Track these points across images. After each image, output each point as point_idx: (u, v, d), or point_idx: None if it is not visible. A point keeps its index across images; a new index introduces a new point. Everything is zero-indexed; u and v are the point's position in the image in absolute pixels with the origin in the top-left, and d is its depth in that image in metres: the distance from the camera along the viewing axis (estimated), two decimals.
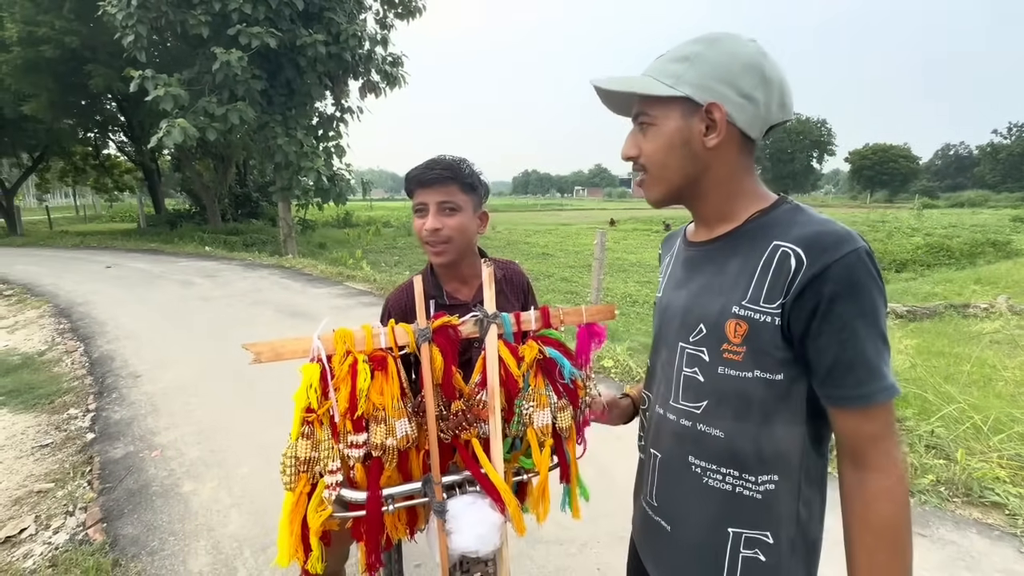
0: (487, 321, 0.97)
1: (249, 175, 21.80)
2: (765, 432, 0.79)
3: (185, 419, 3.58)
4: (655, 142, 0.82)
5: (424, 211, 1.18)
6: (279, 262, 10.92)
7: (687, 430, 0.85)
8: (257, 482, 2.81)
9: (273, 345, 0.87)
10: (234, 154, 17.69)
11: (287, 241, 12.74)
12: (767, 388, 0.78)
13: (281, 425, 3.52)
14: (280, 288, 8.17)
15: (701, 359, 0.83)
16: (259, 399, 3.89)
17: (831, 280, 0.70)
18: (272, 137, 11.31)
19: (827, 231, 0.73)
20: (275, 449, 3.27)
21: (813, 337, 0.73)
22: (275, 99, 11.75)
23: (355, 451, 0.89)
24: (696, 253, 0.89)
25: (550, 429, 0.98)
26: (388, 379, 0.92)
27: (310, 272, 9.64)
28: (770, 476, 0.80)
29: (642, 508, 0.97)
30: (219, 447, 3.19)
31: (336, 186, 12.62)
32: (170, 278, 8.97)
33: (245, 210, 20.86)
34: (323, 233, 18.19)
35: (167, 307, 6.85)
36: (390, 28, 12.95)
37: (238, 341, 3.89)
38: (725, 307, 0.79)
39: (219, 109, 10.34)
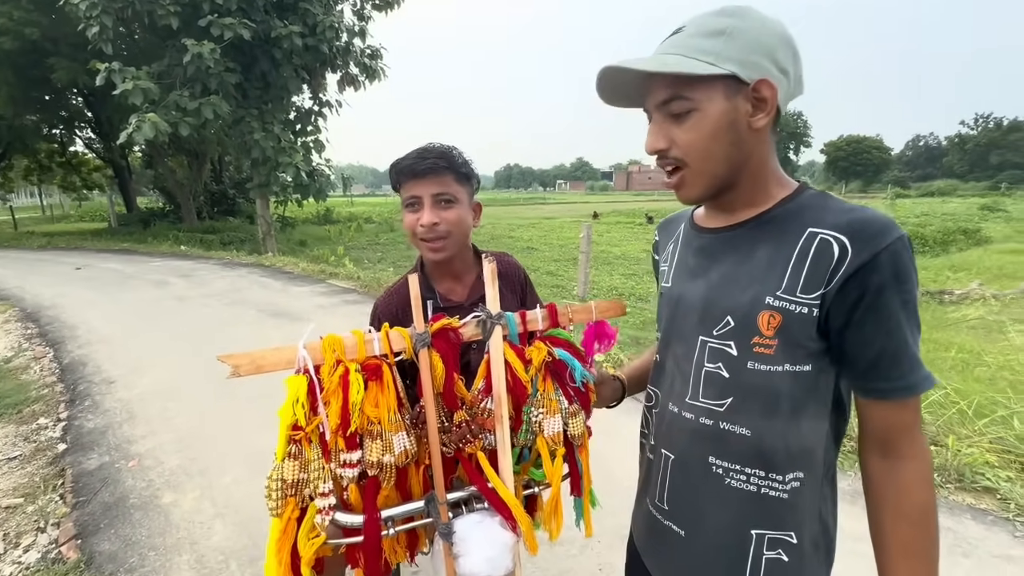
0: (491, 322, 0.89)
1: (225, 171, 21.25)
2: (793, 428, 0.76)
3: (163, 426, 3.43)
4: (696, 129, 0.73)
5: (417, 205, 1.09)
6: (258, 260, 10.66)
7: (707, 429, 0.80)
8: (242, 491, 2.69)
9: (253, 356, 0.78)
10: (209, 150, 17.19)
11: (266, 239, 12.44)
12: (795, 381, 0.74)
13: (266, 430, 3.41)
14: (260, 287, 7.95)
15: (727, 354, 0.78)
16: (241, 403, 3.75)
17: (879, 269, 0.67)
18: (248, 132, 10.98)
19: (870, 218, 0.69)
20: (260, 456, 3.18)
21: (856, 328, 0.70)
22: (250, 93, 11.41)
23: (349, 471, 0.81)
24: (713, 240, 0.83)
25: (561, 437, 0.91)
26: (383, 389, 0.83)
27: (291, 270, 9.42)
28: (796, 474, 0.77)
29: (647, 512, 0.91)
30: (200, 455, 3.06)
31: (316, 182, 12.33)
32: (144, 278, 8.67)
33: (221, 208, 20.33)
34: (303, 230, 17.82)
35: (141, 309, 6.60)
36: (368, 20, 12.66)
37: (217, 343, 3.76)
38: (757, 298, 0.74)
39: (192, 103, 9.99)
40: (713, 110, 0.72)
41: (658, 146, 0.77)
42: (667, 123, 0.76)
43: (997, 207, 24.60)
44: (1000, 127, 62.72)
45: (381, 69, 13.15)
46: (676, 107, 0.73)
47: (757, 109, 0.73)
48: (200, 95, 10.20)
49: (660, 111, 0.76)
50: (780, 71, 0.72)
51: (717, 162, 0.75)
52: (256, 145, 10.97)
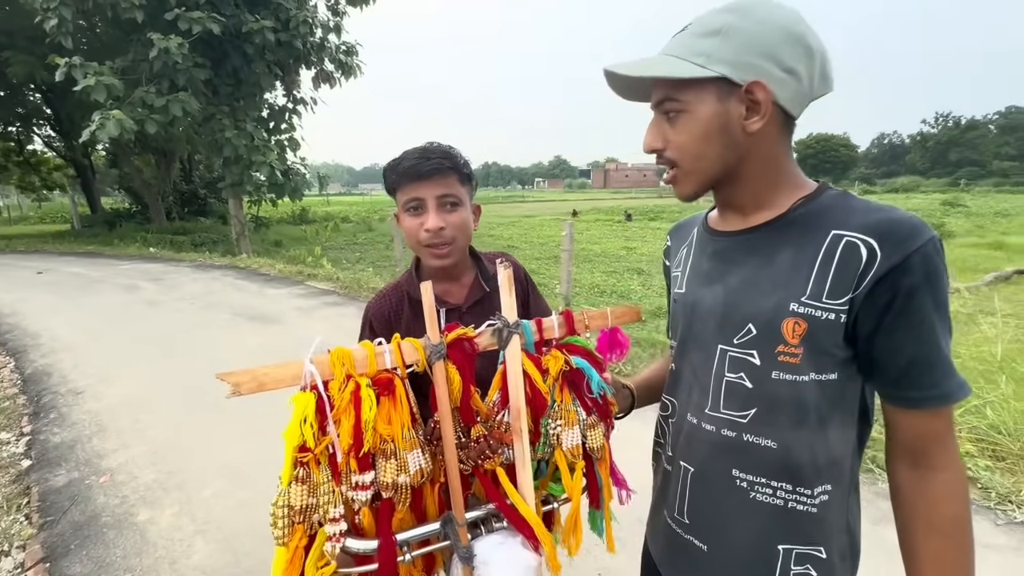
0: (508, 331, 0.84)
1: (195, 171, 20.60)
2: (820, 439, 0.73)
3: (136, 438, 3.27)
4: (687, 131, 0.73)
5: (420, 208, 1.02)
6: (232, 262, 10.34)
7: (730, 441, 0.77)
8: (223, 505, 2.58)
9: (255, 373, 0.71)
10: (177, 148, 16.61)
11: (240, 240, 12.09)
12: (821, 391, 0.72)
13: (247, 440, 3.30)
14: (235, 290, 7.71)
15: (749, 363, 0.74)
16: (219, 412, 3.61)
17: (911, 272, 0.64)
18: (219, 130, 10.64)
19: (898, 219, 0.66)
20: (241, 467, 3.07)
21: (886, 333, 0.67)
22: (221, 89, 11.06)
23: (362, 493, 0.75)
24: (729, 244, 0.80)
25: (580, 450, 0.86)
26: (396, 405, 0.78)
27: (267, 272, 9.17)
28: (824, 487, 0.74)
29: (666, 524, 0.88)
30: (177, 468, 2.93)
31: (291, 181, 12.05)
32: (111, 282, 8.31)
33: (192, 208, 19.69)
34: (278, 230, 17.41)
35: (109, 314, 6.32)
36: (342, 15, 12.41)
37: (191, 349, 3.61)
38: (781, 305, 0.71)
39: (159, 100, 9.62)
40: (703, 112, 0.71)
41: (654, 146, 0.77)
42: (663, 123, 0.76)
43: (958, 203, 25.64)
44: (959, 126, 65.50)
45: (357, 66, 12.92)
46: (669, 107, 0.74)
47: (751, 112, 0.70)
48: (168, 91, 9.84)
49: (657, 111, 0.76)
50: (784, 71, 0.68)
51: (709, 162, 0.74)
52: (228, 143, 10.65)
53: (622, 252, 11.85)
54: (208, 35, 9.60)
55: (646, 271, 9.12)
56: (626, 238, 14.31)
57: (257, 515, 2.49)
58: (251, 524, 2.42)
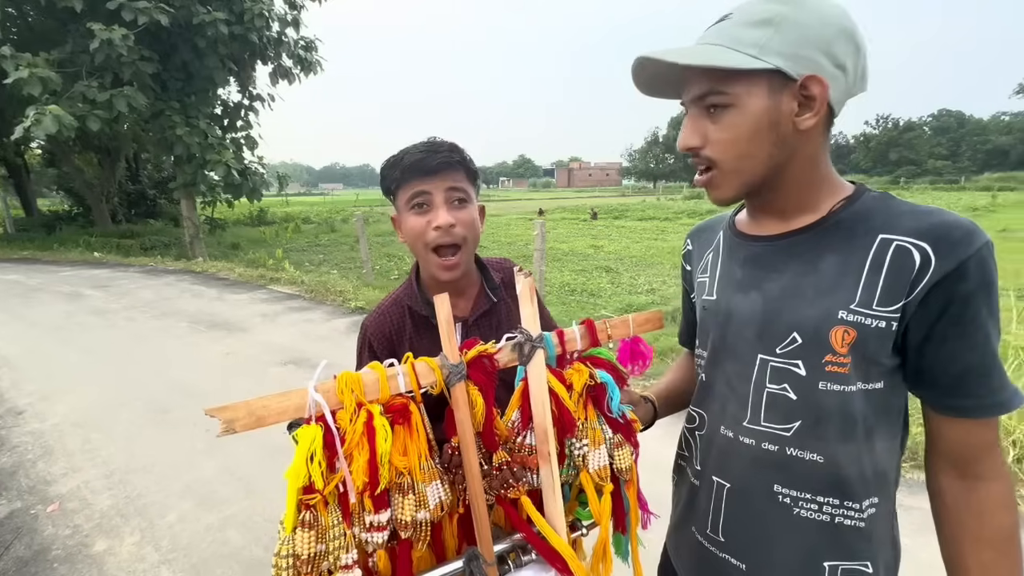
0: (531, 346, 0.77)
1: (143, 170, 19.47)
2: (867, 451, 0.70)
3: (88, 461, 3.02)
4: (735, 128, 0.67)
5: (426, 205, 0.93)
6: (187, 266, 9.82)
7: (771, 456, 0.73)
8: (190, 530, 2.40)
9: (251, 407, 0.62)
10: (123, 146, 15.63)
11: (194, 242, 11.51)
12: (867, 400, 0.69)
13: (213, 457, 3.10)
14: (192, 296, 7.31)
15: (794, 373, 0.71)
16: (180, 428, 3.38)
17: (967, 278, 0.61)
18: (170, 127, 10.09)
19: (952, 222, 0.63)
20: (209, 486, 2.87)
21: (939, 342, 0.64)
22: (170, 84, 10.49)
23: (377, 535, 0.67)
24: (766, 249, 0.76)
25: (608, 471, 0.80)
26: (412, 433, 0.70)
27: (226, 276, 8.75)
28: (871, 500, 0.72)
29: (696, 542, 0.84)
30: (137, 492, 2.71)
31: (249, 181, 11.55)
32: (52, 290, 7.73)
33: (140, 210, 18.62)
34: (235, 232, 16.67)
35: (51, 325, 5.86)
36: (301, 8, 11.97)
37: (146, 360, 3.35)
38: (829, 312, 0.68)
39: (102, 95, 9.02)
40: (753, 107, 0.66)
41: (691, 143, 0.71)
42: (702, 119, 0.70)
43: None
44: (897, 127, 69.54)
45: (317, 62, 12.51)
46: (713, 101, 0.67)
47: (804, 108, 0.66)
48: (111, 86, 9.24)
49: (696, 105, 0.70)
50: (836, 66, 0.65)
51: (754, 163, 0.69)
52: (179, 141, 10.11)
53: (590, 251, 11.94)
54: (155, 26, 9.06)
55: (614, 269, 9.20)
56: (593, 236, 14.44)
57: (228, 539, 2.33)
58: (222, 550, 2.26)
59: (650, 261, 10.02)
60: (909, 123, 70.14)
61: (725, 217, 0.89)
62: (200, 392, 3.96)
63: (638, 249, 11.67)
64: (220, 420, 0.60)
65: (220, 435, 0.60)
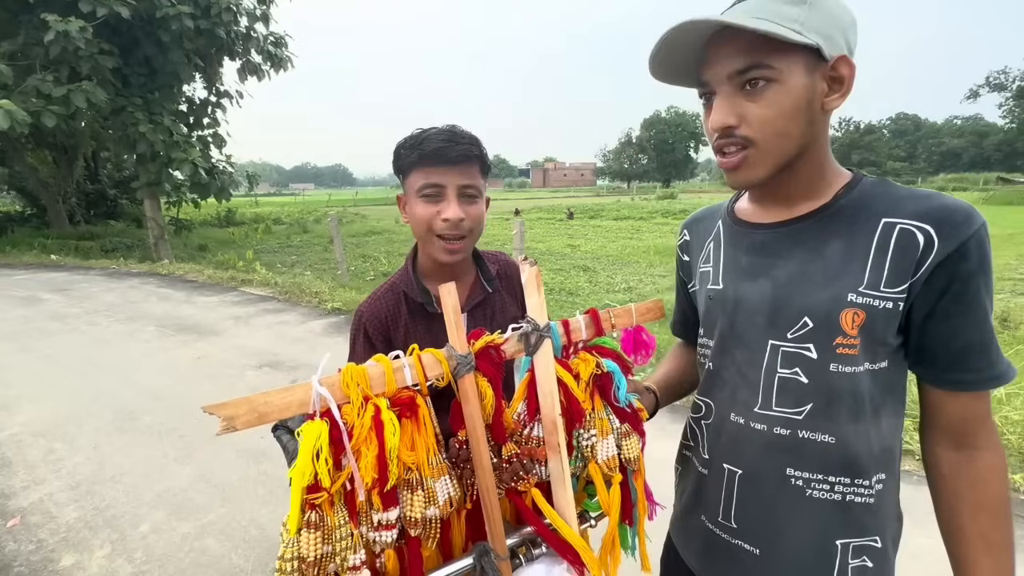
0: (537, 336, 0.75)
1: (102, 169, 18.65)
2: (875, 429, 0.73)
3: (51, 472, 2.87)
4: (777, 105, 0.66)
5: (438, 196, 0.93)
6: (153, 268, 9.46)
7: (783, 439, 0.75)
8: (165, 540, 2.30)
9: (252, 403, 0.58)
10: (81, 144, 14.95)
11: (159, 244, 11.10)
12: (874, 380, 0.71)
13: (187, 464, 2.98)
14: (159, 299, 7.04)
15: (805, 357, 0.72)
16: (150, 435, 3.25)
17: (968, 257, 0.64)
18: (132, 124, 9.70)
19: (952, 205, 0.66)
20: (183, 494, 2.76)
21: (941, 319, 0.67)
22: (132, 79, 10.08)
23: (386, 533, 0.64)
24: (771, 236, 0.77)
25: (616, 462, 0.80)
26: (420, 428, 0.67)
27: (195, 278, 8.46)
28: (879, 476, 0.74)
29: (706, 530, 0.85)
30: (106, 503, 2.58)
31: (217, 180, 11.19)
32: (6, 294, 7.33)
33: (100, 210, 17.85)
34: (202, 233, 16.15)
35: (7, 331, 5.54)
36: (270, 3, 11.67)
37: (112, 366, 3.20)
38: (838, 296, 0.69)
39: (58, 89, 8.61)
40: (795, 84, 0.66)
41: (727, 121, 0.68)
42: (737, 97, 0.68)
43: None
44: (859, 129, 72.29)
45: (287, 58, 12.22)
46: (756, 75, 0.65)
47: (832, 89, 0.68)
48: (68, 80, 8.83)
49: (732, 82, 0.68)
50: (850, 51, 0.67)
51: (789, 143, 0.69)
52: (142, 139, 9.73)
53: (567, 250, 12.00)
54: (116, 19, 8.70)
55: (591, 268, 9.27)
56: (569, 236, 14.52)
57: (207, 548, 2.24)
58: (200, 559, 2.17)
59: (626, 260, 10.14)
60: (869, 126, 73.01)
61: (722, 206, 0.89)
62: (170, 398, 3.81)
63: (614, 248, 11.78)
64: (220, 417, 0.56)
65: (219, 433, 0.57)
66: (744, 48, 0.65)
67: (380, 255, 11.00)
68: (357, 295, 6.55)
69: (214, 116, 11.99)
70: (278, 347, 4.92)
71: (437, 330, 0.95)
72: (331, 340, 5.11)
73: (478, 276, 1.08)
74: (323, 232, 15.75)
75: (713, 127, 0.71)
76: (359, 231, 16.37)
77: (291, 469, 0.60)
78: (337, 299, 6.41)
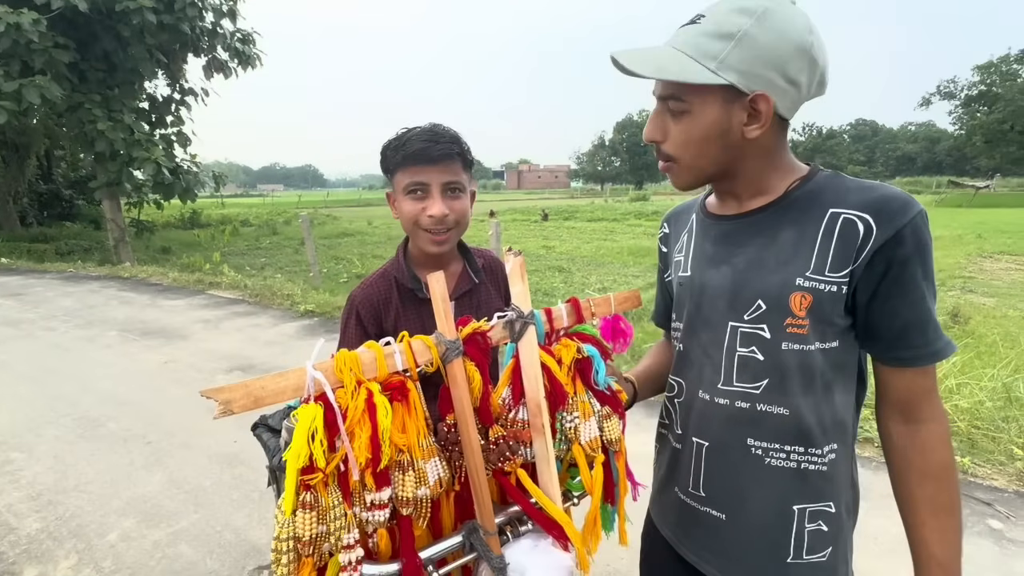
0: (522, 322, 0.79)
1: (56, 168, 17.82)
2: (826, 402, 0.78)
3: (9, 483, 2.74)
4: (688, 133, 0.75)
5: (423, 192, 1.00)
6: (113, 272, 9.11)
7: (744, 412, 0.81)
8: (136, 549, 2.24)
9: (249, 388, 0.60)
10: (33, 142, 14.26)
11: (119, 246, 10.67)
12: (825, 358, 0.77)
13: (157, 469, 2.90)
14: (121, 303, 6.78)
15: (760, 337, 0.78)
16: (116, 442, 3.14)
17: (903, 243, 0.70)
18: (90, 121, 9.32)
19: (890, 195, 0.72)
20: (153, 500, 2.69)
21: (882, 300, 0.73)
22: (90, 75, 9.69)
23: (379, 513, 0.66)
24: (732, 227, 0.83)
25: (599, 443, 0.84)
26: (410, 411, 0.70)
27: (159, 281, 8.18)
28: (832, 446, 0.80)
29: (679, 501, 0.90)
30: (70, 512, 2.49)
31: (181, 180, 10.84)
32: None
33: (54, 212, 17.05)
34: (165, 236, 15.61)
35: None
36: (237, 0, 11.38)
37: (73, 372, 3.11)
38: (787, 280, 0.75)
39: (8, 84, 8.21)
40: (707, 116, 0.73)
41: (654, 137, 0.79)
42: (665, 115, 0.77)
43: None
44: (821, 134, 75.19)
45: (256, 55, 11.95)
46: (673, 106, 0.75)
47: (752, 119, 0.73)
48: (20, 75, 8.43)
49: (661, 103, 0.77)
50: (788, 82, 0.71)
51: (706, 162, 0.77)
52: (101, 137, 9.36)
53: (541, 251, 12.09)
54: (72, 12, 8.35)
55: (566, 269, 9.37)
56: (544, 237, 14.63)
57: (181, 554, 2.19)
58: (173, 566, 2.12)
59: (601, 261, 10.28)
60: (831, 131, 76.02)
61: (696, 201, 0.95)
62: (136, 403, 3.69)
63: (588, 249, 11.93)
64: (217, 401, 0.57)
65: (216, 417, 0.58)
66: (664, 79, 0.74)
67: (353, 257, 10.86)
68: (331, 297, 6.46)
69: (178, 114, 11.62)
70: (250, 350, 4.82)
71: (426, 315, 0.98)
72: (305, 343, 5.03)
73: (465, 267, 1.14)
74: (293, 234, 15.43)
75: (645, 138, 0.81)
76: (331, 233, 16.10)
77: (286, 452, 0.61)
78: (310, 301, 6.30)
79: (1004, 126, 37.39)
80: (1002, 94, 37.92)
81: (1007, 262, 9.27)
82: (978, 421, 3.05)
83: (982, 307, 5.97)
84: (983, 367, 3.61)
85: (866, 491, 0.94)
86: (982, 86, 40.29)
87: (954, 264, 8.81)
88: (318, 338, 4.66)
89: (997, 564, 2.06)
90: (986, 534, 2.23)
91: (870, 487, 0.80)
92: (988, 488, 2.55)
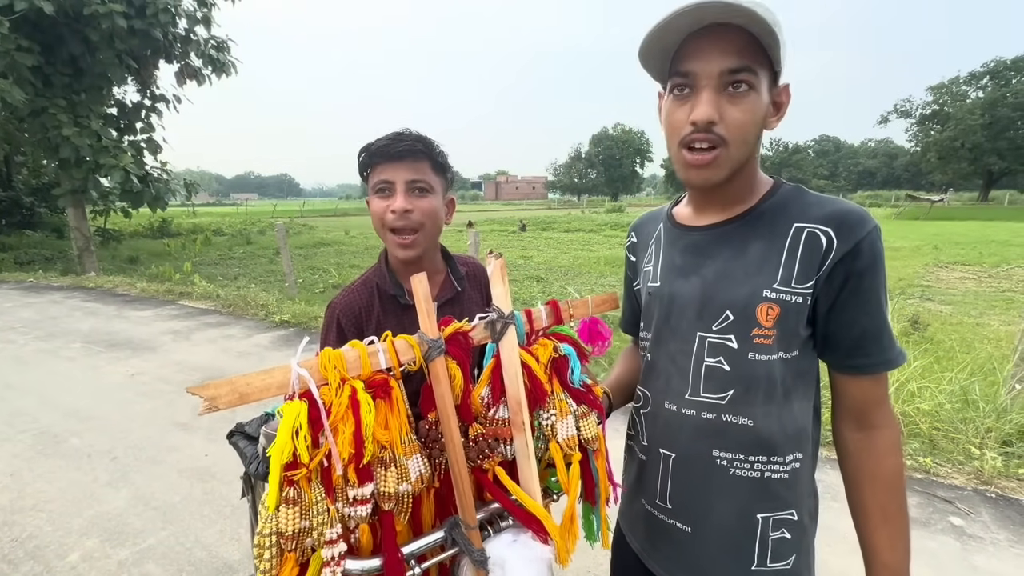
0: (502, 323, 0.81)
1: (16, 174, 17.14)
2: (787, 411, 0.80)
3: None
4: (751, 111, 0.71)
5: (389, 191, 0.99)
6: (77, 282, 8.78)
7: (710, 423, 0.82)
8: (99, 570, 2.15)
9: (234, 384, 0.61)
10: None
11: (84, 256, 10.29)
12: (786, 367, 0.79)
13: (122, 486, 2.79)
14: (85, 314, 6.53)
15: (727, 347, 0.80)
16: (78, 459, 3.02)
17: (861, 255, 0.73)
18: (54, 127, 9.01)
19: (849, 210, 0.75)
20: (118, 518, 2.59)
21: (840, 311, 0.75)
22: (55, 79, 9.39)
23: (361, 508, 0.67)
24: (702, 238, 0.85)
25: (576, 441, 0.86)
26: (393, 408, 0.71)
27: (126, 292, 7.92)
28: (795, 455, 0.81)
29: (646, 512, 0.91)
30: (27, 533, 2.38)
31: (151, 188, 10.55)
32: None
33: (14, 219, 16.34)
34: (133, 245, 15.12)
35: None
36: (212, 6, 11.24)
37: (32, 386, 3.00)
38: (755, 291, 0.77)
39: None
40: (762, 97, 0.73)
41: (712, 117, 0.71)
42: (720, 96, 0.71)
43: None
44: (787, 149, 77.95)
45: (230, 63, 11.78)
46: (743, 78, 0.69)
47: (775, 110, 0.76)
48: None
49: (720, 80, 0.71)
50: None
51: (748, 150, 0.75)
52: (66, 143, 9.06)
53: (520, 261, 12.15)
54: (37, 14, 8.11)
55: (545, 278, 9.44)
56: (522, 247, 14.72)
57: (147, 574, 2.11)
58: None
59: (578, 270, 10.39)
60: (796, 146, 78.83)
61: (663, 210, 0.97)
62: (100, 418, 3.55)
63: (566, 259, 12.05)
64: (202, 398, 0.58)
65: (202, 413, 0.58)
66: (739, 48, 0.69)
67: (330, 267, 10.72)
68: (307, 307, 6.36)
69: (148, 121, 11.34)
70: (222, 361, 4.70)
71: (408, 322, 0.99)
72: (281, 354, 4.94)
73: (448, 275, 1.13)
74: (268, 244, 15.16)
75: (698, 119, 0.71)
76: (307, 242, 15.87)
77: (270, 448, 0.62)
78: (286, 312, 6.19)
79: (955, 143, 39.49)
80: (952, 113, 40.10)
81: (961, 272, 9.74)
82: (938, 423, 3.17)
83: (940, 314, 6.25)
84: (942, 371, 3.76)
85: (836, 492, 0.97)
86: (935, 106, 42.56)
87: (913, 274, 9.21)
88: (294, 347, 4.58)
89: (959, 559, 2.15)
90: (948, 531, 2.32)
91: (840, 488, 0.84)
92: (949, 487, 2.66)
